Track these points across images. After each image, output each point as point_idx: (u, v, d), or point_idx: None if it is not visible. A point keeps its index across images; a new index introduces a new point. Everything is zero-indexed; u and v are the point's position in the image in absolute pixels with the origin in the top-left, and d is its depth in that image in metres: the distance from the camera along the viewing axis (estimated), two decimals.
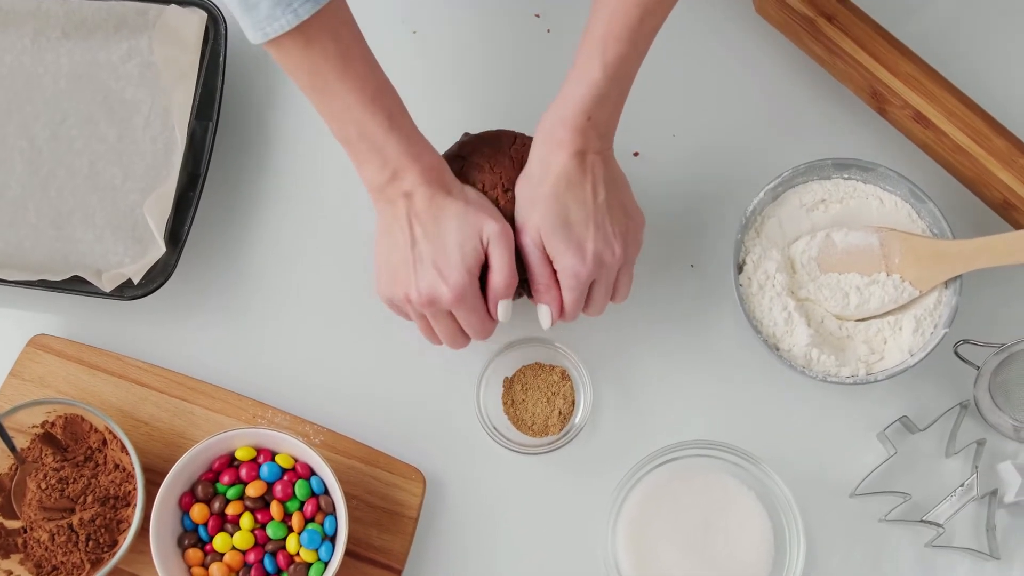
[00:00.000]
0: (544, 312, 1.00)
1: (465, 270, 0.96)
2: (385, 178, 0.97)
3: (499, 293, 0.98)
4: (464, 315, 0.98)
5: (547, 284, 0.99)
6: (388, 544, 1.06)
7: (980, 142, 1.08)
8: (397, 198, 0.97)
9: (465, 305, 0.97)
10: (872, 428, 1.08)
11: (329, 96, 0.95)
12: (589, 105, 0.96)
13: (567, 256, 0.97)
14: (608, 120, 0.98)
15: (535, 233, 0.98)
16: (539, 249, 0.98)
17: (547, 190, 0.97)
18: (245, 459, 1.04)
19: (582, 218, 0.97)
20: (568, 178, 0.96)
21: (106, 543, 1.02)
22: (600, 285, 1.00)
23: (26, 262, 1.10)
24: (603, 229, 0.97)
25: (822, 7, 1.11)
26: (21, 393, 1.09)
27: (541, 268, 0.99)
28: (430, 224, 0.97)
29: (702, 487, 1.05)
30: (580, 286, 0.98)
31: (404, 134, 0.97)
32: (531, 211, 0.98)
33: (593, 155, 0.97)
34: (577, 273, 0.97)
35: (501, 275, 0.97)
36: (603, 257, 0.97)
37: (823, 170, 1.09)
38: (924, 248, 1.05)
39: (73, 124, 1.14)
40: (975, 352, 1.05)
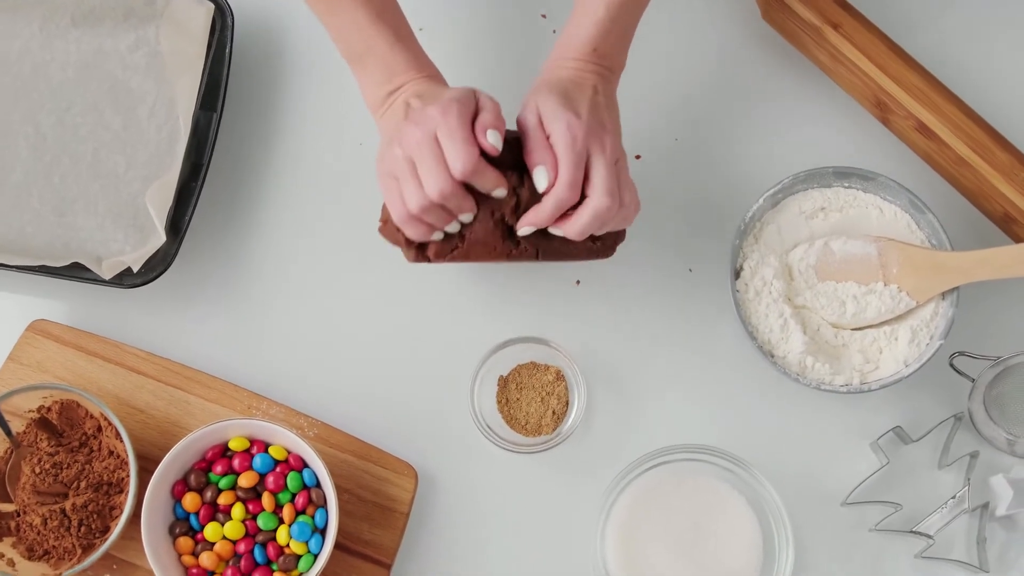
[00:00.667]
0: (539, 172, 0.95)
1: (455, 98, 0.94)
2: (389, 88, 1.00)
3: (487, 123, 0.94)
4: (447, 131, 0.93)
5: (542, 144, 0.95)
6: (378, 539, 1.06)
7: (983, 155, 1.08)
8: (396, 100, 1.00)
9: (449, 119, 0.92)
10: (865, 437, 1.08)
11: (338, 12, 1.00)
12: (595, 36, 0.99)
13: (561, 116, 0.94)
14: (612, 51, 1.00)
15: (532, 104, 0.97)
16: (535, 116, 0.96)
17: (551, 81, 0.98)
18: (238, 449, 1.04)
19: (581, 98, 0.97)
20: (571, 79, 0.99)
21: (98, 529, 1.03)
22: (597, 157, 0.95)
23: (27, 247, 1.11)
24: (598, 113, 0.97)
25: (828, 15, 1.11)
26: (19, 377, 1.09)
27: (536, 130, 0.96)
28: (428, 94, 0.97)
29: (693, 491, 1.05)
30: (575, 143, 0.94)
31: (408, 48, 1.01)
32: (532, 96, 0.98)
33: (595, 75, 0.99)
34: (570, 127, 0.94)
35: (488, 113, 0.94)
36: (597, 128, 0.95)
37: (824, 178, 1.09)
38: (922, 259, 1.05)
39: (79, 112, 1.15)
40: (970, 364, 1.05)
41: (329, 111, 1.16)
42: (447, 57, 1.17)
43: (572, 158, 0.94)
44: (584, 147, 0.95)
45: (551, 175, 0.95)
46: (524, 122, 0.97)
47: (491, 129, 0.94)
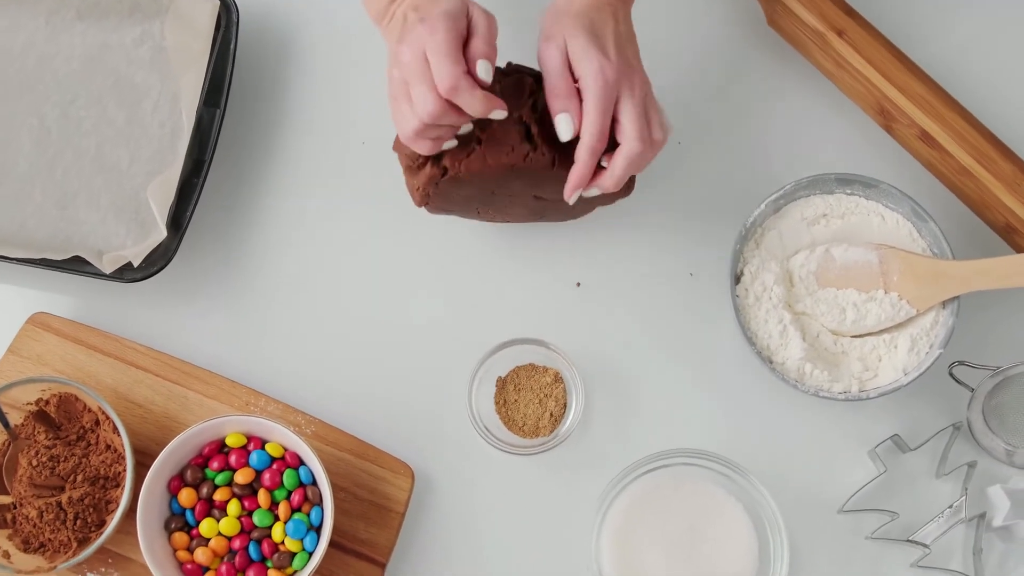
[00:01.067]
0: (563, 120, 0.93)
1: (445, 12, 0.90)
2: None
3: (477, 52, 0.91)
4: (433, 47, 0.90)
5: (568, 88, 0.92)
6: (374, 537, 1.06)
7: (986, 165, 1.08)
8: (397, 13, 0.95)
9: (435, 36, 0.89)
10: (863, 445, 1.08)
11: None
12: None
13: (592, 56, 0.91)
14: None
15: (559, 38, 0.93)
16: (561, 54, 0.92)
17: (573, 10, 0.94)
18: (235, 446, 1.04)
19: (607, 33, 0.93)
20: (592, 4, 0.94)
21: (94, 523, 1.03)
22: (627, 99, 0.93)
23: (29, 240, 1.11)
24: (624, 49, 0.94)
25: (833, 22, 1.11)
26: (18, 370, 1.09)
27: (562, 72, 0.93)
28: (423, 5, 0.92)
29: (689, 495, 1.05)
30: (607, 87, 0.91)
31: None
32: (556, 25, 0.94)
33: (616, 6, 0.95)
34: (603, 70, 0.91)
35: (480, 40, 0.91)
36: (631, 68, 0.93)
37: (826, 184, 1.08)
38: (923, 267, 1.05)
39: (83, 105, 1.15)
40: (970, 374, 1.05)
41: (333, 109, 1.16)
42: None
43: (604, 105, 0.92)
44: (615, 92, 0.92)
45: (575, 124, 0.92)
46: (548, 59, 0.93)
47: (481, 60, 0.91)
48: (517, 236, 1.13)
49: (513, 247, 1.13)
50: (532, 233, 1.13)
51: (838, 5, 1.12)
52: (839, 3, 1.12)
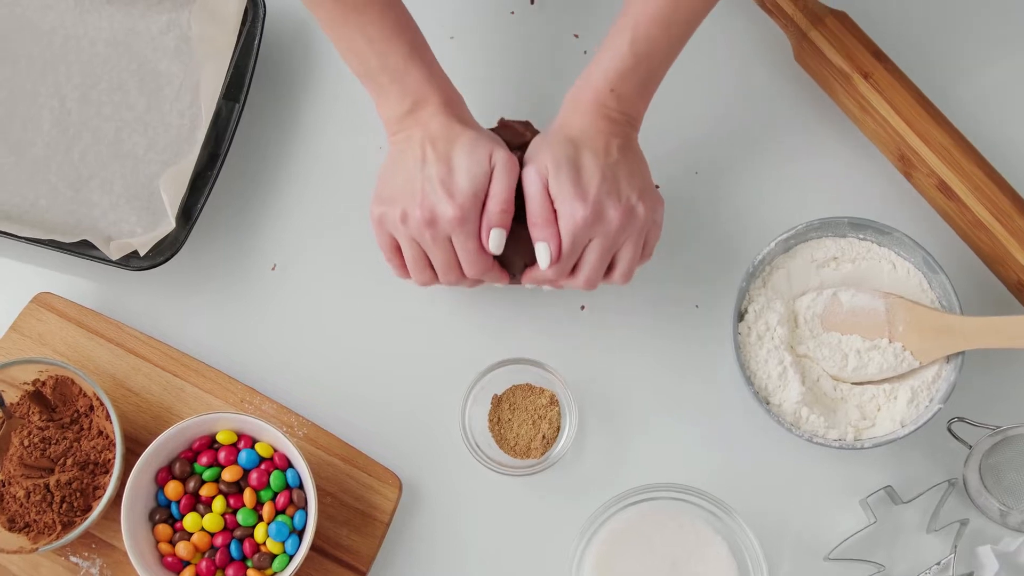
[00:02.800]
0: (542, 249, 0.96)
1: (472, 193, 0.95)
2: (405, 108, 0.97)
3: (493, 220, 0.95)
4: (462, 241, 0.96)
5: (546, 219, 0.96)
6: (356, 545, 1.06)
7: (1003, 220, 1.06)
8: (414, 128, 0.97)
9: (465, 229, 0.95)
10: (855, 493, 1.07)
11: (351, 27, 0.96)
12: (613, 77, 0.96)
13: (568, 196, 0.94)
14: (633, 97, 0.97)
15: (541, 166, 0.95)
16: (542, 182, 0.95)
17: (562, 135, 0.96)
18: (225, 443, 1.04)
19: (591, 166, 0.95)
20: (584, 131, 0.96)
21: (80, 507, 1.03)
22: (596, 245, 0.97)
23: (39, 220, 1.11)
24: (610, 183, 0.95)
25: (860, 64, 1.10)
26: (20, 348, 1.10)
27: (541, 202, 0.96)
28: (443, 147, 0.96)
29: (675, 531, 1.04)
30: (578, 231, 0.95)
31: (425, 64, 0.98)
32: (541, 148, 0.97)
33: (612, 120, 0.97)
34: (574, 216, 0.94)
35: (498, 201, 0.95)
36: (605, 209, 0.95)
37: (839, 227, 1.07)
38: (929, 320, 1.03)
39: (105, 89, 1.15)
40: (969, 431, 1.04)
41: (352, 113, 1.16)
42: (476, 64, 1.17)
43: (572, 242, 0.96)
44: (586, 235, 0.96)
45: (553, 254, 0.96)
46: (528, 187, 0.96)
47: (495, 229, 0.96)
48: None
49: None
50: None
51: (867, 47, 1.11)
52: (868, 45, 1.11)
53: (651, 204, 0.98)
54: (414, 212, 0.95)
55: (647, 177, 1.00)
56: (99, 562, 1.06)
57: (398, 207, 0.97)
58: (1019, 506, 1.04)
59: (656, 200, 1.00)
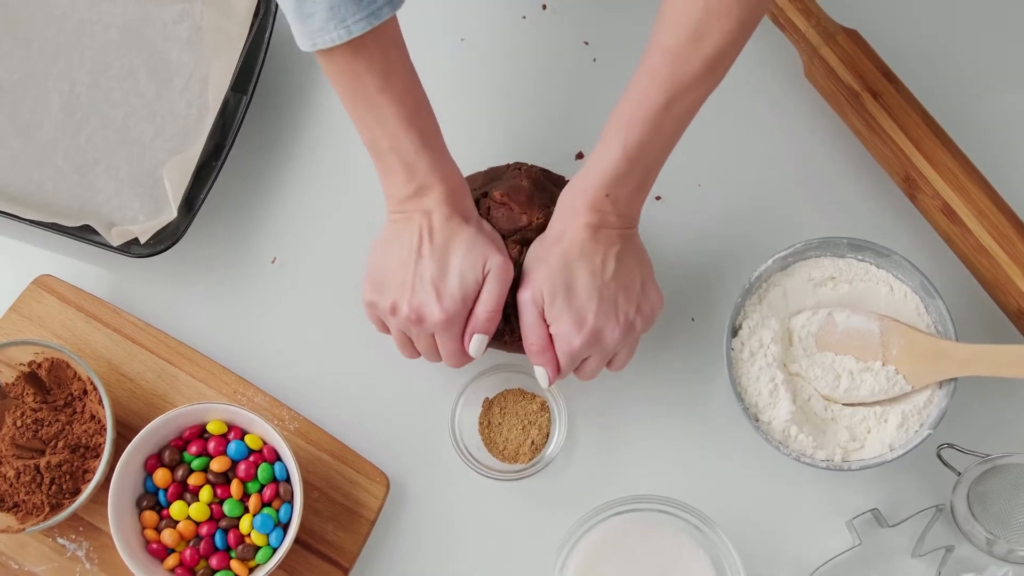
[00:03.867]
0: (541, 374, 0.99)
1: (461, 297, 0.96)
2: (409, 192, 0.97)
3: (478, 326, 0.97)
4: (444, 341, 0.98)
5: (542, 347, 0.98)
6: (341, 541, 1.06)
7: (1005, 246, 1.06)
8: (415, 213, 0.97)
9: (449, 332, 0.97)
10: (842, 514, 1.07)
11: (367, 107, 0.95)
12: (608, 182, 0.95)
13: (564, 324, 0.96)
14: (629, 199, 0.97)
15: (536, 292, 0.97)
16: (537, 308, 0.97)
17: (558, 252, 0.96)
18: (215, 433, 1.05)
19: (587, 288, 0.96)
20: (580, 246, 0.96)
21: (69, 490, 1.04)
22: (594, 359, 0.99)
23: (44, 203, 1.12)
24: (607, 304, 0.96)
25: (870, 83, 1.09)
26: (19, 329, 1.11)
27: (536, 329, 0.98)
28: (440, 243, 0.96)
29: (658, 543, 1.04)
30: (573, 355, 0.97)
31: (435, 154, 0.97)
32: (537, 267, 0.97)
33: (609, 230, 0.96)
34: (571, 343, 0.97)
35: (486, 308, 0.97)
36: (602, 334, 0.97)
37: (838, 247, 1.07)
38: (924, 345, 1.03)
39: (115, 76, 1.16)
40: (958, 457, 1.03)
41: None
42: (484, 67, 1.17)
43: (568, 362, 0.98)
44: (581, 355, 0.98)
45: (551, 376, 0.99)
46: (524, 312, 0.98)
47: (478, 335, 0.98)
48: None
49: None
50: None
51: (877, 67, 1.10)
52: (879, 65, 1.10)
53: (648, 310, 0.99)
54: (402, 307, 0.97)
55: (647, 278, 1.00)
56: (86, 545, 1.06)
57: (388, 298, 0.98)
58: (1006, 535, 1.04)
59: (654, 300, 1.00)
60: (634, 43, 0.98)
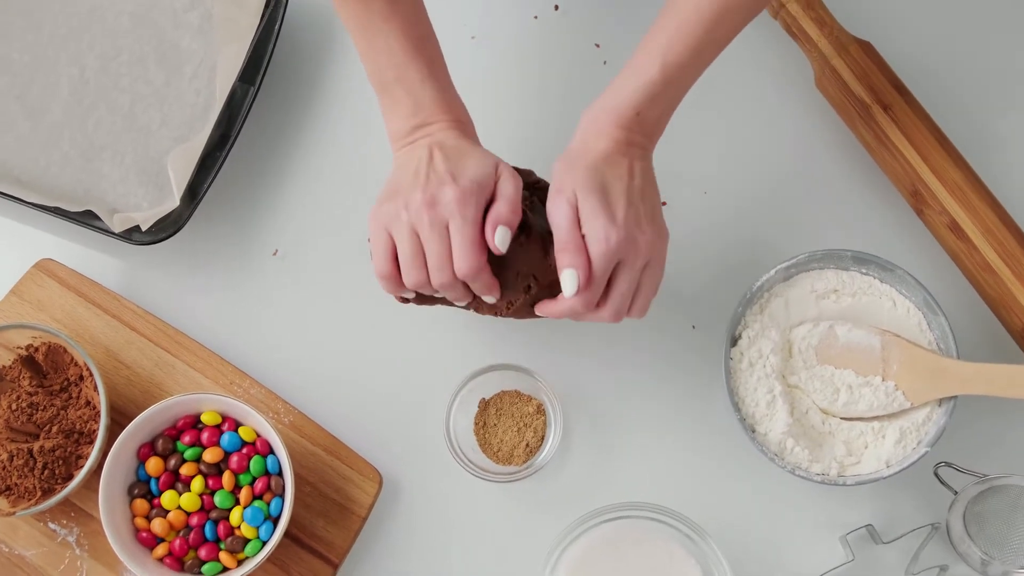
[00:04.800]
0: (569, 277, 0.92)
1: (477, 180, 0.93)
2: (413, 124, 0.97)
3: (502, 217, 0.93)
4: (459, 226, 0.92)
5: (577, 246, 0.92)
6: (331, 536, 1.06)
7: (1011, 264, 1.05)
8: (421, 138, 0.96)
9: (464, 213, 0.92)
10: (836, 529, 1.06)
11: (373, 35, 0.96)
12: (640, 101, 0.94)
13: (600, 218, 0.91)
14: (657, 120, 0.96)
15: (570, 191, 0.93)
16: (571, 208, 0.93)
17: (587, 160, 0.94)
18: (210, 423, 1.04)
19: (618, 191, 0.93)
20: (608, 157, 0.94)
21: (61, 475, 1.04)
22: (625, 269, 0.94)
23: (49, 187, 1.12)
24: (636, 207, 0.94)
25: (881, 95, 1.08)
26: (18, 311, 1.11)
27: (570, 229, 0.92)
28: (452, 154, 0.94)
29: (649, 551, 1.03)
30: (609, 254, 0.92)
31: (440, 84, 0.97)
32: (568, 176, 0.94)
33: (635, 147, 0.95)
34: (608, 237, 0.91)
35: (506, 200, 0.93)
36: (634, 233, 0.93)
37: (842, 260, 1.06)
38: (924, 362, 1.02)
39: (125, 62, 1.16)
40: (955, 477, 1.02)
41: (366, 108, 1.15)
42: (494, 65, 1.16)
43: (602, 270, 0.92)
44: (617, 257, 0.93)
45: (582, 282, 0.92)
46: (558, 214, 0.93)
47: (502, 226, 0.93)
48: None
49: None
50: None
51: (889, 79, 1.09)
52: (891, 78, 1.09)
53: (664, 233, 0.97)
54: (415, 196, 0.93)
55: (658, 203, 0.98)
56: (76, 531, 1.06)
57: (400, 200, 0.94)
58: (1001, 556, 1.03)
59: (663, 224, 0.98)
60: None
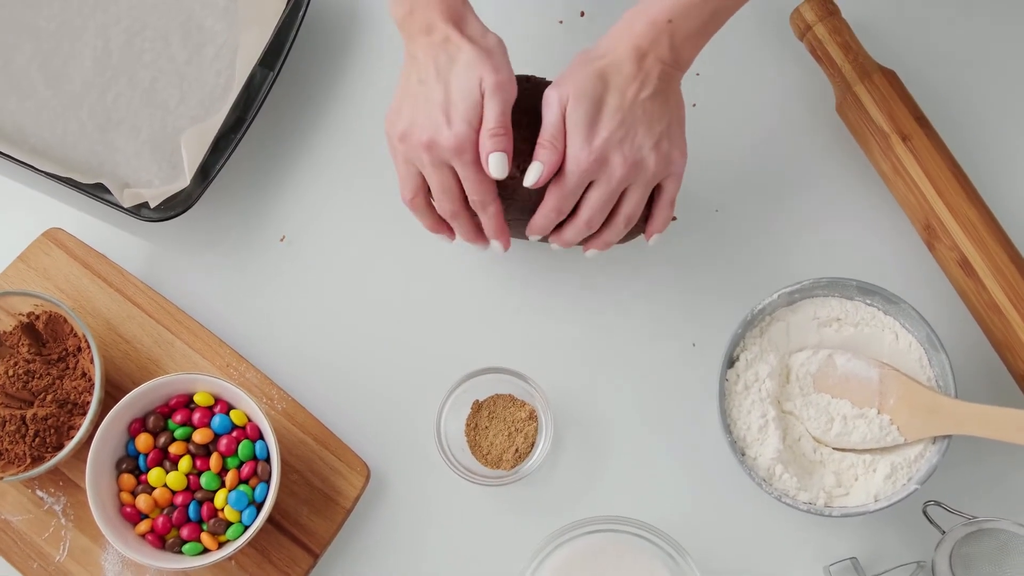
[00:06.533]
0: (534, 169, 0.94)
1: (467, 120, 0.93)
2: (405, 10, 0.96)
3: (488, 145, 0.93)
4: (463, 169, 0.94)
5: (553, 145, 0.93)
6: (315, 526, 1.06)
7: (1019, 307, 1.03)
8: (416, 33, 0.96)
9: (463, 159, 0.94)
10: (820, 559, 1.05)
11: None
12: (676, 7, 0.92)
13: (577, 134, 0.93)
14: (689, 37, 0.94)
15: (564, 93, 0.93)
16: (560, 109, 0.93)
17: (598, 64, 0.93)
18: (202, 404, 1.05)
19: (613, 107, 0.93)
20: (620, 66, 0.93)
21: (52, 444, 1.04)
22: (597, 188, 0.95)
23: (63, 157, 1.13)
24: (627, 129, 0.93)
25: (901, 126, 1.07)
26: (24, 278, 1.11)
27: (554, 128, 0.94)
28: (443, 64, 0.94)
29: (630, 566, 1.03)
30: (578, 172, 0.93)
31: None
32: (574, 72, 0.94)
33: (656, 60, 0.93)
34: (578, 156, 0.93)
35: (488, 127, 0.93)
36: (610, 157, 0.93)
37: (846, 289, 1.05)
38: (921, 398, 1.01)
39: (149, 37, 1.16)
40: (944, 516, 1.01)
41: (383, 103, 1.14)
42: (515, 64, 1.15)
43: (568, 188, 0.94)
44: (587, 178, 0.94)
45: (543, 174, 0.94)
46: (547, 110, 0.94)
47: (493, 153, 0.93)
48: (535, 271, 1.12)
49: (527, 279, 1.12)
50: (551, 269, 1.11)
51: (910, 110, 1.08)
52: (912, 108, 1.08)
53: (666, 155, 0.95)
54: (413, 134, 0.95)
55: (675, 125, 0.96)
56: (64, 500, 1.07)
57: (405, 122, 0.96)
58: None
59: (675, 150, 0.96)
60: None
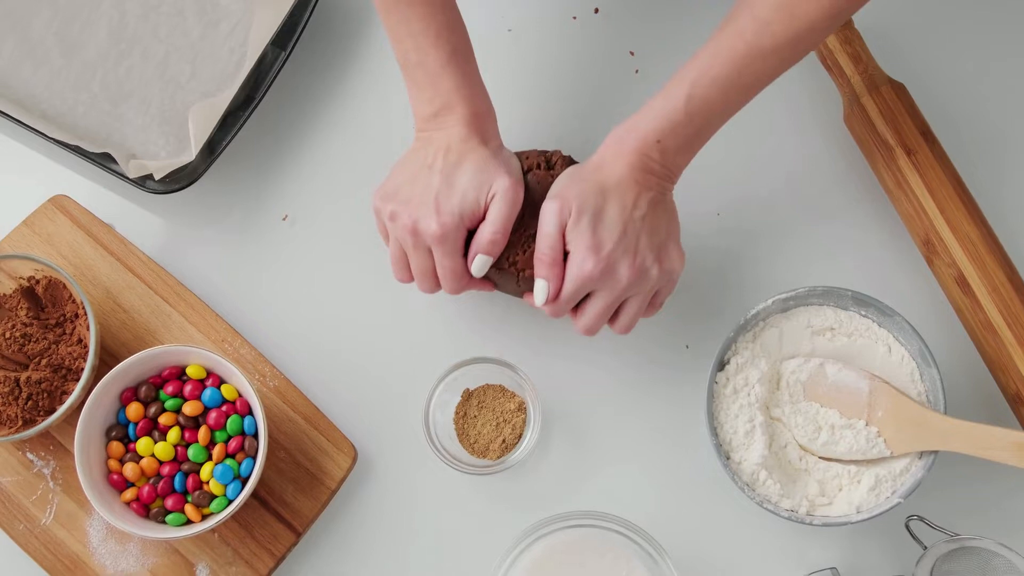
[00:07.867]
0: (540, 287, 0.97)
1: (459, 214, 0.96)
2: (432, 111, 0.98)
3: (482, 246, 0.97)
4: (440, 258, 0.97)
5: (553, 260, 0.96)
6: (299, 504, 1.07)
7: (1014, 327, 1.03)
8: (436, 131, 0.98)
9: (445, 248, 0.96)
10: (800, 567, 1.05)
11: (398, 18, 0.98)
12: (662, 128, 0.95)
13: (583, 245, 0.94)
14: (677, 152, 0.96)
15: (565, 206, 0.95)
16: (560, 223, 0.95)
17: (596, 178, 0.95)
18: (194, 377, 1.05)
19: (614, 219, 0.94)
20: (618, 179, 0.95)
21: (44, 407, 1.05)
22: (600, 296, 0.97)
23: (72, 125, 1.14)
24: (629, 240, 0.95)
25: (906, 140, 1.07)
26: (27, 243, 1.12)
27: (552, 243, 0.95)
28: (452, 161, 0.97)
29: (610, 562, 1.03)
30: (584, 281, 0.95)
31: (461, 72, 0.98)
32: (571, 185, 0.96)
33: (650, 174, 0.95)
34: (583, 264, 0.94)
35: (491, 228, 0.96)
36: (617, 266, 0.95)
37: (842, 299, 1.05)
38: (910, 412, 1.01)
39: (165, 11, 1.17)
40: (926, 532, 1.01)
41: (391, 90, 1.16)
42: (526, 61, 1.16)
43: (574, 290, 0.96)
44: (591, 286, 0.96)
45: (551, 295, 0.97)
46: (545, 223, 0.96)
47: (482, 255, 0.97)
48: None
49: None
50: None
51: (917, 124, 1.08)
52: (919, 123, 1.08)
53: (668, 264, 0.97)
54: (402, 216, 0.98)
55: (673, 233, 0.99)
56: (52, 464, 1.08)
57: (392, 205, 0.98)
58: None
59: (676, 258, 0.98)
60: (679, 59, 0.97)
